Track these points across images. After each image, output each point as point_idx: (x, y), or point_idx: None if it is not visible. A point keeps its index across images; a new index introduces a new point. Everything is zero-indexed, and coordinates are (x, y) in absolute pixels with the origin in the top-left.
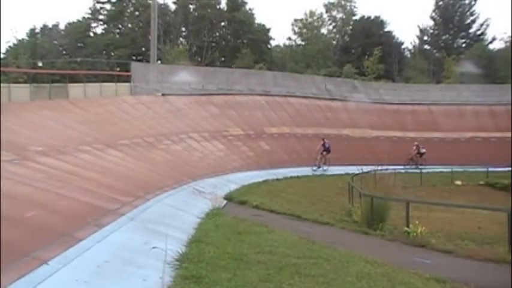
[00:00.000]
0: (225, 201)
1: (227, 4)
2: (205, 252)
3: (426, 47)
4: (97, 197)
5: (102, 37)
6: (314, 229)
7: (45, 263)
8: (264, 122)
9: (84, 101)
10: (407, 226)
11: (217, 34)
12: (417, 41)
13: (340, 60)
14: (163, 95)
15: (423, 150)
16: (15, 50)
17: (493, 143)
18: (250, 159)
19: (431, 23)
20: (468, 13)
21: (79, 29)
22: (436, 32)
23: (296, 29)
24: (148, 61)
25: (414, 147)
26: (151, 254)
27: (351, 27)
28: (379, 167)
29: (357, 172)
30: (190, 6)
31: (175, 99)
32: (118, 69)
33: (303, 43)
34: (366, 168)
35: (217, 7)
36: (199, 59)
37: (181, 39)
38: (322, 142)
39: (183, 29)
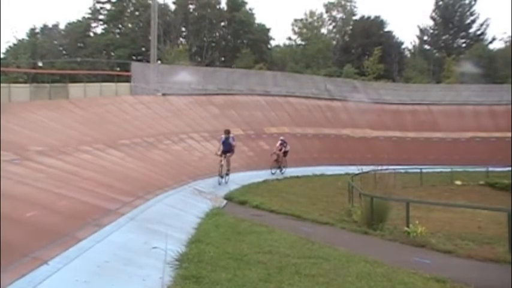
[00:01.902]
0: (225, 201)
1: (227, 4)
2: (205, 252)
3: (426, 47)
4: (97, 197)
5: (102, 37)
6: (314, 229)
7: (45, 263)
8: (264, 122)
9: (84, 101)
10: (407, 226)
11: (217, 34)
12: (417, 41)
13: (340, 60)
14: (163, 95)
15: (288, 148)
16: (15, 50)
17: (493, 143)
18: (250, 159)
19: (431, 23)
20: (468, 13)
21: (79, 29)
22: (436, 32)
23: (296, 29)
24: (148, 61)
25: (279, 144)
26: (151, 254)
27: (351, 27)
28: (379, 167)
29: (357, 172)
30: (190, 6)
31: (175, 99)
32: (118, 69)
33: (303, 43)
34: (365, 168)
35: (217, 7)
36: (199, 59)
37: (181, 39)
38: (226, 136)
39: (183, 29)
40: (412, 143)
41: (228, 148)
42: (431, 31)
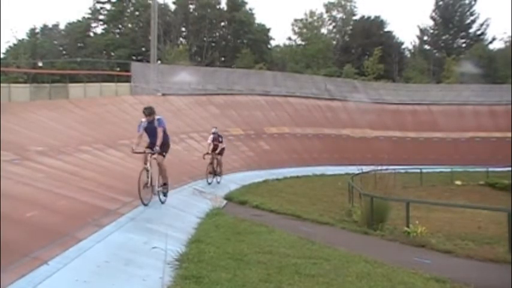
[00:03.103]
0: (225, 201)
1: (227, 4)
2: (205, 252)
3: (426, 47)
4: (97, 197)
5: (102, 37)
6: (314, 229)
7: (45, 263)
8: (264, 122)
9: (84, 101)
10: (407, 226)
11: (217, 34)
12: (417, 41)
13: (340, 60)
14: (163, 95)
15: (223, 146)
16: (15, 50)
17: (493, 143)
18: (250, 159)
19: (431, 23)
20: (468, 13)
21: (79, 29)
22: (436, 32)
23: (296, 29)
24: (148, 61)
25: (210, 140)
26: (151, 254)
27: (351, 27)
28: (379, 167)
29: (357, 172)
30: (190, 6)
31: (175, 99)
32: (118, 69)
33: (303, 43)
34: (365, 168)
35: (217, 7)
36: (199, 59)
37: (181, 39)
38: (148, 119)
39: (183, 29)
40: (412, 143)
41: (154, 138)
42: (431, 31)
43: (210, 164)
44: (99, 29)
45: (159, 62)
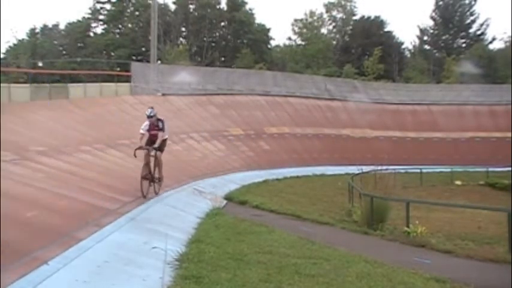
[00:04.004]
0: (225, 201)
1: (227, 4)
2: (205, 252)
3: (426, 47)
4: (97, 196)
5: (102, 37)
6: (314, 229)
7: (45, 263)
8: (264, 122)
9: (84, 101)
10: (407, 226)
11: (217, 34)
12: (417, 41)
13: (340, 60)
14: (163, 95)
15: (166, 136)
16: (15, 50)
17: (493, 143)
18: (250, 159)
19: (431, 23)
20: (468, 13)
21: (79, 29)
22: (436, 32)
23: (296, 29)
24: (148, 61)
25: (145, 130)
26: (151, 254)
27: (351, 27)
28: (379, 167)
29: (357, 172)
30: (190, 6)
31: (175, 99)
32: (118, 69)
33: (303, 43)
34: (365, 168)
35: (217, 7)
36: (199, 59)
37: (181, 39)
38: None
39: (183, 29)
40: (412, 143)
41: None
42: (431, 31)
43: (146, 164)
44: (99, 29)
45: (159, 62)
